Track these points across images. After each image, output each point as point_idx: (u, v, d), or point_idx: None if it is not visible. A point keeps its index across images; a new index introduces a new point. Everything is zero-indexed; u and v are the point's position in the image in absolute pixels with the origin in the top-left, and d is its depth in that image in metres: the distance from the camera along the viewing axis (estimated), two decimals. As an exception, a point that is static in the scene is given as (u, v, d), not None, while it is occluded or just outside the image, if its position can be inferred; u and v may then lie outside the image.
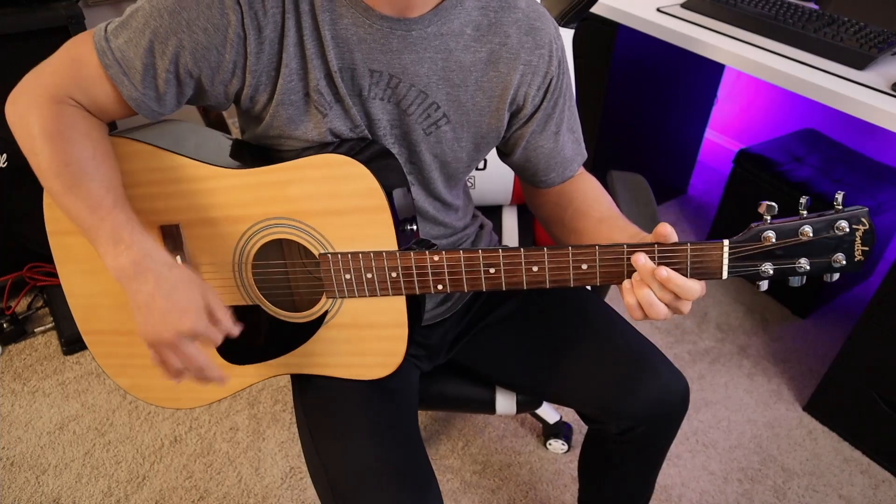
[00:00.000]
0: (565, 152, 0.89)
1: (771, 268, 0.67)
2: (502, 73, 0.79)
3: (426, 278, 0.76)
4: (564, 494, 1.41)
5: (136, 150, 0.77)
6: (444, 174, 0.86)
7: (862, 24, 1.41)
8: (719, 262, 0.67)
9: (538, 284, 0.73)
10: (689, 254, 0.68)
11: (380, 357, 0.83)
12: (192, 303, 0.71)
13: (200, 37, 0.70)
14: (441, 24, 0.75)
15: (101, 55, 0.71)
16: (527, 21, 0.79)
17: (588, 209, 0.86)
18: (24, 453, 1.46)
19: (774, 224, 0.65)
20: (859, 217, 0.64)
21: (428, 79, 0.77)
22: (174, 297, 0.70)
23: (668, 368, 0.90)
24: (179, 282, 0.71)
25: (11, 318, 1.72)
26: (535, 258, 0.72)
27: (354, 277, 0.77)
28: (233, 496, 1.39)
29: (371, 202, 0.74)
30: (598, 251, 0.70)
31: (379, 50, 0.74)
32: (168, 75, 0.72)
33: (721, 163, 2.45)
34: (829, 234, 0.65)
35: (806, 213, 0.65)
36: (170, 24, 0.69)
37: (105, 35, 0.71)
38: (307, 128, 0.77)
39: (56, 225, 0.82)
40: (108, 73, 0.71)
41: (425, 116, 0.79)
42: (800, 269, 0.67)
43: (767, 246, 0.66)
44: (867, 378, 1.42)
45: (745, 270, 0.68)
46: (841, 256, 0.66)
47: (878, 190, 1.70)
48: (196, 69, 0.72)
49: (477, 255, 0.73)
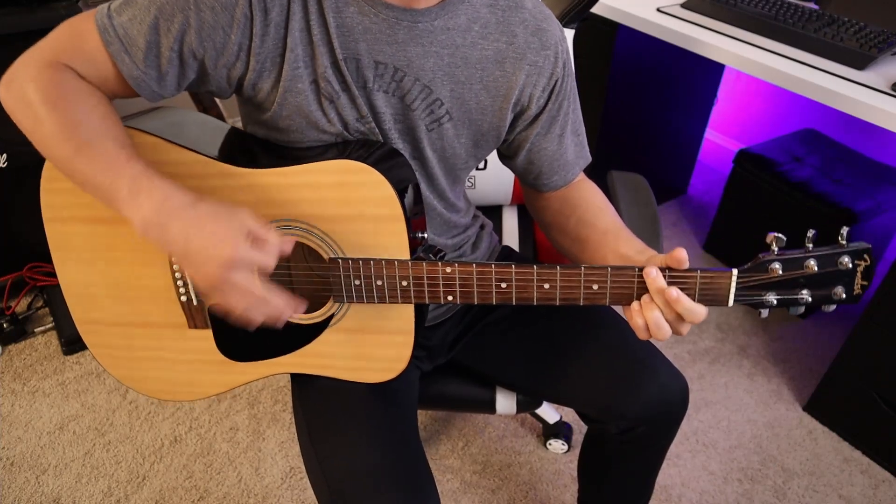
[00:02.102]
0: (568, 155, 0.88)
1: (774, 298, 0.69)
2: (508, 72, 0.79)
3: (437, 289, 0.75)
4: (564, 494, 1.41)
5: (144, 141, 0.76)
6: (445, 169, 0.86)
7: (862, 24, 1.41)
8: (727, 290, 0.69)
9: (548, 301, 0.73)
10: (698, 281, 0.68)
11: (384, 362, 0.83)
12: (226, 231, 0.65)
13: (207, 15, 0.69)
14: (448, 17, 0.74)
15: (103, 32, 0.69)
16: (534, 22, 0.79)
17: (593, 219, 0.86)
18: (24, 453, 1.46)
19: (781, 256, 0.67)
20: (862, 253, 0.66)
21: (433, 74, 0.76)
22: (205, 231, 0.65)
23: (667, 368, 0.90)
24: (206, 214, 0.66)
25: (11, 318, 1.72)
26: (546, 276, 0.72)
27: (364, 284, 0.77)
28: (233, 496, 1.39)
29: (386, 211, 0.74)
30: (610, 272, 0.70)
31: (384, 41, 0.73)
32: (171, 54, 0.71)
33: (721, 163, 2.45)
34: (832, 269, 0.67)
35: (812, 245, 0.67)
36: (176, 1, 0.68)
37: (108, 12, 0.70)
38: (316, 116, 0.76)
39: (53, 212, 0.81)
40: (110, 51, 0.69)
41: (428, 112, 0.79)
42: (801, 300, 0.69)
43: (774, 277, 0.68)
44: (867, 378, 1.42)
45: (751, 299, 0.69)
46: (841, 290, 0.68)
47: (878, 190, 1.70)
48: (200, 49, 0.71)
49: (489, 270, 0.73)
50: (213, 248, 0.65)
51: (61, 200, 0.80)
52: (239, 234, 0.65)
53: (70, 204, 0.80)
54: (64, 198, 0.80)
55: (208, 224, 0.66)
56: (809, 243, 0.67)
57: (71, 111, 0.68)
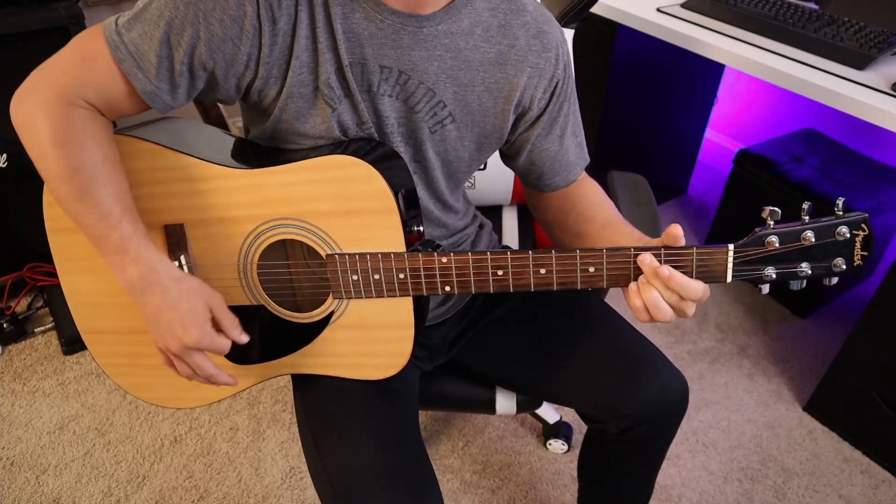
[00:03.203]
0: (569, 156, 0.89)
1: (773, 272, 0.68)
2: (509, 74, 0.80)
3: (434, 279, 0.76)
4: (564, 494, 1.41)
5: (141, 148, 0.77)
6: (447, 173, 0.86)
7: (862, 24, 1.41)
8: (724, 265, 0.69)
9: (545, 286, 0.73)
10: (694, 257, 0.69)
11: (385, 357, 0.83)
12: (197, 315, 0.72)
13: (216, 28, 0.69)
14: (451, 22, 0.75)
15: (115, 49, 0.69)
16: (535, 24, 0.80)
17: (592, 214, 0.87)
18: (24, 453, 1.46)
19: (777, 229, 0.67)
20: (859, 223, 0.66)
21: (437, 77, 0.77)
22: (179, 310, 0.72)
23: (667, 368, 0.90)
24: (183, 294, 0.72)
25: (11, 318, 1.72)
26: (542, 260, 0.72)
27: (362, 278, 0.77)
28: (233, 496, 1.39)
29: (380, 204, 0.74)
30: (606, 254, 0.71)
31: (389, 45, 0.74)
32: (182, 67, 0.71)
33: (721, 163, 2.45)
34: (830, 240, 0.66)
35: (808, 218, 0.67)
36: (185, 14, 0.68)
37: (116, 29, 0.70)
38: (315, 122, 0.76)
39: (55, 223, 0.82)
40: (122, 68, 0.70)
41: (432, 114, 0.79)
42: (801, 273, 0.68)
43: (771, 250, 0.67)
44: (867, 378, 1.42)
45: (749, 274, 0.69)
46: (841, 261, 0.67)
47: (878, 190, 1.70)
48: (211, 61, 0.71)
49: (485, 257, 0.73)
50: (181, 329, 0.72)
51: (63, 212, 0.80)
52: (206, 321, 0.73)
53: None
54: None
55: (182, 304, 0.72)
56: (805, 215, 0.66)
57: (75, 155, 0.69)
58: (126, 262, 0.72)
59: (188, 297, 0.72)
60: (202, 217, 0.79)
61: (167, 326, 0.72)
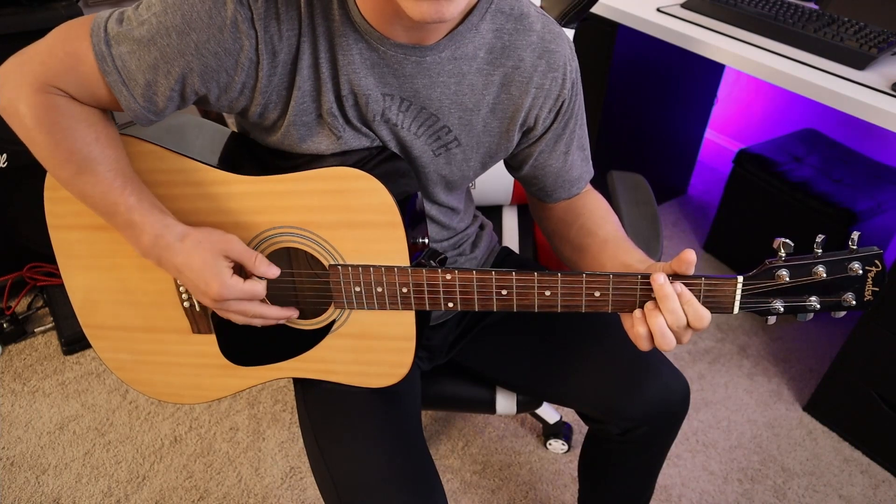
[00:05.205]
0: (573, 171, 0.88)
1: (781, 305, 0.67)
2: (514, 95, 0.78)
3: (437, 296, 0.75)
4: (564, 494, 1.41)
5: (143, 150, 0.76)
6: (447, 187, 0.86)
7: (862, 24, 1.41)
8: (732, 297, 0.68)
9: (549, 308, 0.73)
10: (702, 287, 0.67)
11: (385, 367, 0.83)
12: (211, 268, 0.72)
13: (210, 60, 0.67)
14: (455, 48, 0.74)
15: (101, 60, 0.67)
16: (541, 44, 0.78)
17: (594, 227, 0.86)
18: (24, 453, 1.46)
19: (789, 262, 0.65)
20: (872, 258, 0.64)
21: (440, 102, 0.76)
22: (194, 268, 0.72)
23: (668, 369, 0.90)
24: (192, 250, 0.72)
25: (11, 318, 1.72)
26: (548, 283, 0.71)
27: (364, 290, 0.77)
28: (233, 496, 1.39)
29: (385, 217, 0.73)
30: (612, 280, 0.69)
31: (392, 75, 0.73)
32: (172, 93, 0.69)
33: (721, 163, 2.45)
34: (842, 275, 0.65)
35: (820, 251, 0.65)
36: (178, 44, 0.66)
37: (105, 37, 0.67)
38: (320, 146, 0.76)
39: (57, 220, 0.82)
40: (107, 80, 0.68)
41: (436, 139, 0.79)
42: (809, 307, 0.67)
43: (780, 284, 0.66)
44: (867, 378, 1.42)
45: (756, 306, 0.68)
46: (851, 296, 0.66)
47: (878, 190, 1.70)
48: (203, 88, 0.70)
49: (490, 277, 0.72)
50: (203, 286, 0.72)
51: (64, 209, 0.81)
52: (224, 270, 0.73)
53: (73, 212, 0.80)
54: (67, 206, 0.80)
55: (195, 261, 0.72)
56: (818, 248, 0.65)
57: (64, 138, 0.69)
58: (137, 234, 0.72)
59: (198, 252, 0.72)
60: (205, 222, 0.78)
61: (193, 287, 0.73)
